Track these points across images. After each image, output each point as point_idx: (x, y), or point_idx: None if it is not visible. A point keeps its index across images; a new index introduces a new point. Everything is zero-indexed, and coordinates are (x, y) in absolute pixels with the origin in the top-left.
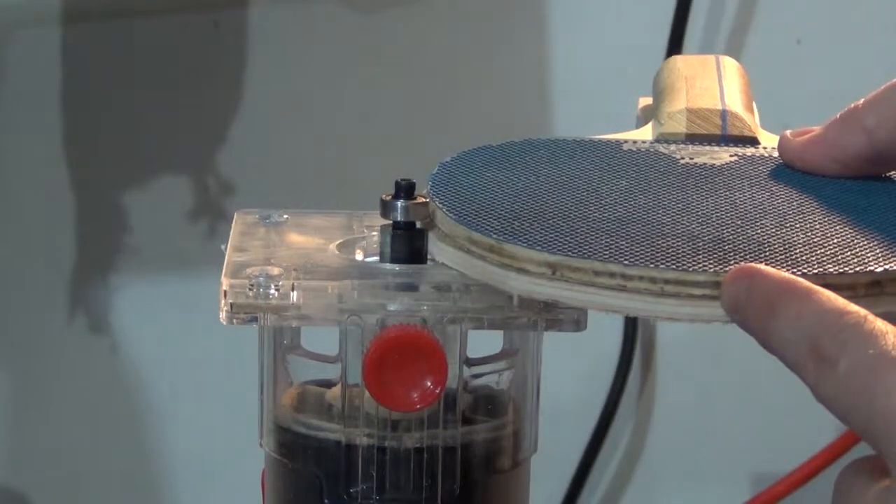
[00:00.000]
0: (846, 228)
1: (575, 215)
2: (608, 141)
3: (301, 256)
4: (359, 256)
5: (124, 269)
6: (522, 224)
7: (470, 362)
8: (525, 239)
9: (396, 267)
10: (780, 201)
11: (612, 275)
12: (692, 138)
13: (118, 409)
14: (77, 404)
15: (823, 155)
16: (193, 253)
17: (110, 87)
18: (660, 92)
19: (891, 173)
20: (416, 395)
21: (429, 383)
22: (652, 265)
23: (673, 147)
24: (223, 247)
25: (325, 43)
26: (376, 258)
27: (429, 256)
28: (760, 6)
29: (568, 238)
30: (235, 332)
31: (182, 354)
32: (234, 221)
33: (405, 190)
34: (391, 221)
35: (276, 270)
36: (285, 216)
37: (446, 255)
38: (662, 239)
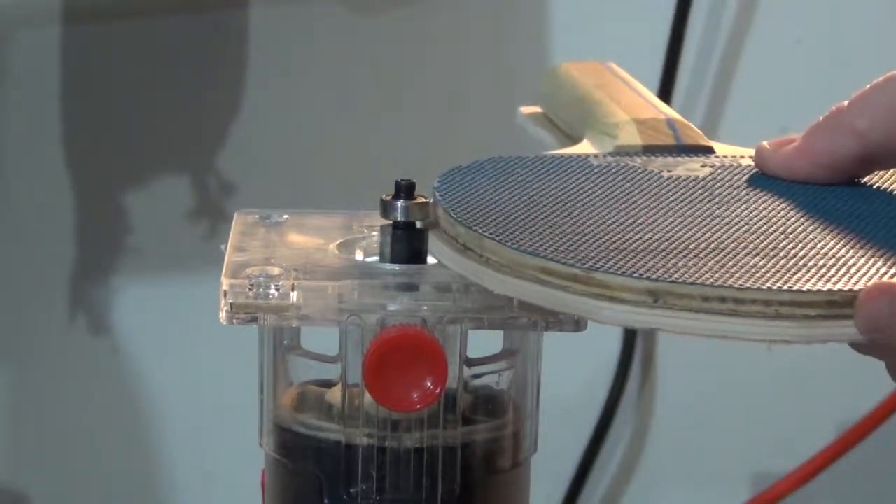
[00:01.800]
0: (876, 236)
1: (636, 238)
2: (574, 157)
3: (301, 256)
4: (359, 256)
5: (124, 270)
6: (602, 251)
7: (470, 362)
8: (617, 267)
9: (396, 267)
10: (794, 213)
11: (722, 300)
12: (649, 150)
13: (118, 410)
14: (77, 404)
15: (813, 163)
16: (193, 253)
17: (110, 87)
18: (571, 102)
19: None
20: (416, 395)
21: (429, 383)
22: (763, 287)
23: (639, 160)
24: (223, 247)
25: (325, 43)
26: (376, 258)
27: (473, 282)
28: (760, 6)
29: (659, 263)
30: (235, 332)
31: (182, 354)
32: (234, 221)
33: (405, 190)
34: (391, 221)
35: (276, 270)
36: (285, 216)
37: (504, 285)
38: (736, 257)
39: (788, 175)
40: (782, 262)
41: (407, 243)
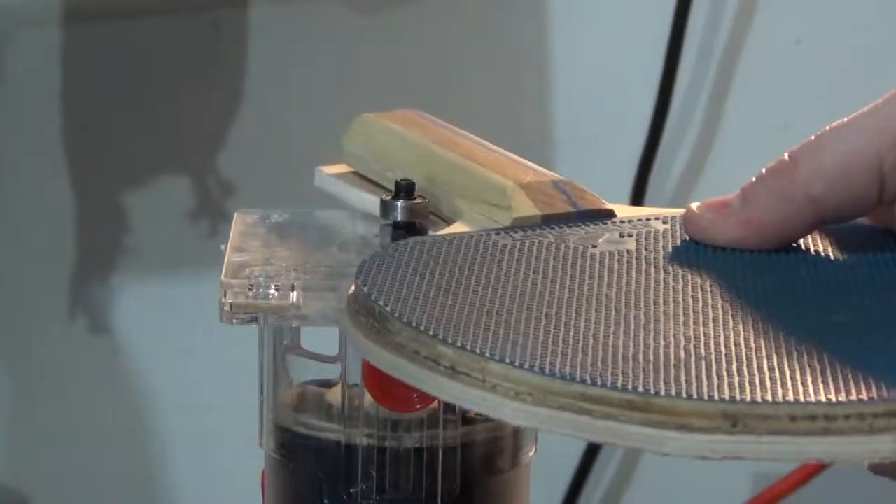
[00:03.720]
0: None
1: (656, 344)
2: (474, 237)
3: (301, 256)
4: (359, 256)
5: (124, 270)
6: (643, 366)
7: None
8: (680, 387)
9: None
10: (794, 294)
11: (812, 418)
12: (548, 220)
13: (118, 409)
14: (77, 404)
15: (763, 235)
16: (193, 253)
17: (110, 87)
18: (404, 164)
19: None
20: (416, 396)
21: None
22: (855, 399)
23: (550, 235)
24: (223, 247)
25: (325, 43)
26: None
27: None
28: (760, 6)
29: (725, 380)
30: (235, 332)
31: (182, 354)
32: (234, 221)
33: (405, 190)
34: (391, 221)
35: (276, 270)
36: (285, 216)
37: (529, 417)
38: (791, 360)
39: (732, 246)
40: (838, 363)
41: None
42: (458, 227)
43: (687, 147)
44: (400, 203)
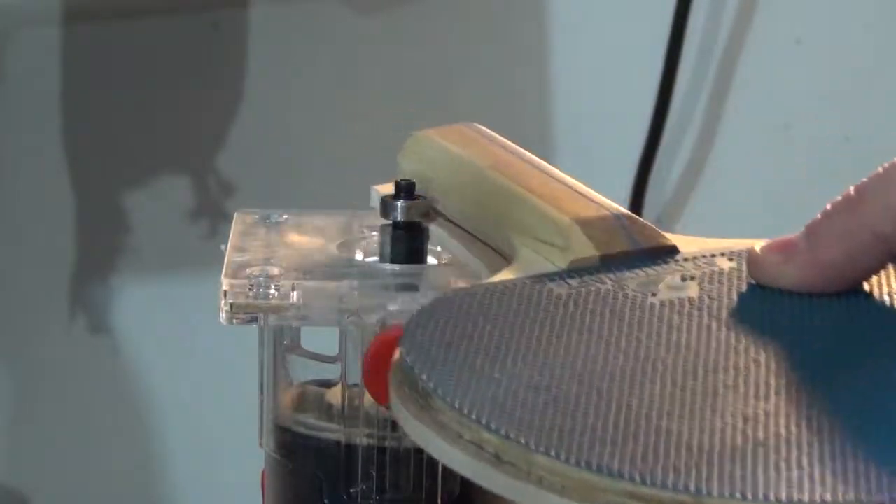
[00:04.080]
0: None
1: (716, 427)
2: (528, 285)
3: (301, 256)
4: (359, 256)
5: (124, 270)
6: (695, 458)
7: None
8: (736, 487)
9: (396, 267)
10: (838, 345)
11: None
12: (607, 261)
13: (118, 409)
14: (77, 404)
15: (831, 277)
16: (193, 253)
17: (110, 87)
18: (457, 187)
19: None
20: None
21: None
22: None
23: (608, 281)
24: (223, 247)
25: (325, 43)
26: (376, 258)
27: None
28: (760, 6)
29: (794, 475)
30: (235, 332)
31: (182, 354)
32: (234, 221)
33: (405, 190)
34: (391, 221)
35: (276, 270)
36: (285, 216)
37: None
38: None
39: (799, 290)
40: None
41: (407, 243)
42: (511, 271)
43: (687, 147)
44: (400, 203)
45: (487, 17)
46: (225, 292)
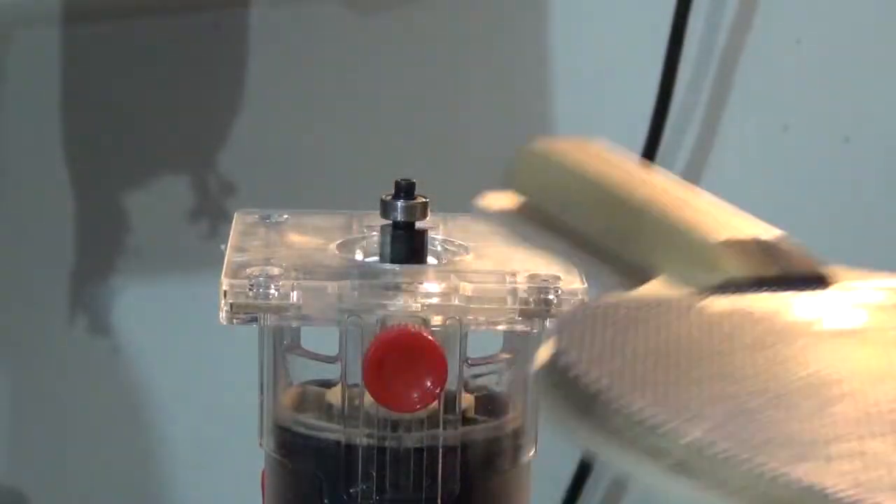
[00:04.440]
0: None
1: None
2: (675, 302)
3: (301, 256)
4: (359, 256)
5: (125, 270)
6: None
7: (470, 362)
8: None
9: (396, 267)
10: None
11: None
12: (757, 283)
13: (118, 410)
14: (77, 404)
15: None
16: (193, 253)
17: (110, 87)
18: (595, 205)
19: None
20: (416, 396)
21: (429, 383)
22: None
23: (759, 304)
24: (223, 247)
25: (325, 43)
26: (376, 258)
27: None
28: (760, 6)
29: None
30: (235, 332)
31: (182, 354)
32: (234, 221)
33: (405, 190)
34: (391, 221)
35: (276, 270)
36: (285, 216)
37: None
38: None
39: None
40: None
41: (407, 243)
42: (656, 287)
43: (687, 147)
44: (400, 203)
45: (487, 17)
46: (225, 292)
